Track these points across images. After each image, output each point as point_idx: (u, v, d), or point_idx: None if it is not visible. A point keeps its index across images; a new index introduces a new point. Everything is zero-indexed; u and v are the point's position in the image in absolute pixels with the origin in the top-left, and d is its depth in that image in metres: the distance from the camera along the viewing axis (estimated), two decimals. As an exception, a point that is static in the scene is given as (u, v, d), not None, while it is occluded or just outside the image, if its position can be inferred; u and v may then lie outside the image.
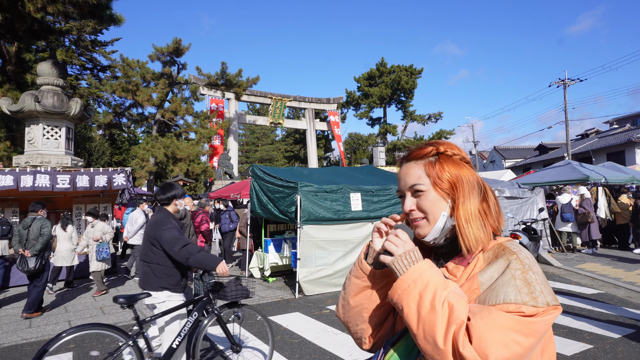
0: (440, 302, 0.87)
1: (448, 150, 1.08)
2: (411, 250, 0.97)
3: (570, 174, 12.35)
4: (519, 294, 0.88)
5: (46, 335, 5.60)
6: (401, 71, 35.99)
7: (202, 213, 8.65)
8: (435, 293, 0.89)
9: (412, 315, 0.90)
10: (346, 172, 9.86)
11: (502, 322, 0.84)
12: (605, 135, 28.99)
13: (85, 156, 25.51)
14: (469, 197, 1.04)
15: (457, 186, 1.04)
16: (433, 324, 0.86)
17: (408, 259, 0.96)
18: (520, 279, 0.91)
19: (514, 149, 40.02)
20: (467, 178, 1.05)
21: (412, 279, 0.92)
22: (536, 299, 0.87)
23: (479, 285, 0.96)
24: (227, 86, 22.11)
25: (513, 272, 0.93)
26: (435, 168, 1.05)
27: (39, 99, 10.36)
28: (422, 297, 0.89)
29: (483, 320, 0.85)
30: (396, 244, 0.99)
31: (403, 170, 1.10)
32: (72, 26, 23.36)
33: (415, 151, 1.10)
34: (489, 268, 0.98)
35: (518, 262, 0.95)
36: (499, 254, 0.99)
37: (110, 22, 12.42)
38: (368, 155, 35.43)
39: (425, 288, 0.90)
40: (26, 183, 8.60)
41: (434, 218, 1.04)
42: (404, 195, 1.10)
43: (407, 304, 0.91)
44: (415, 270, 0.94)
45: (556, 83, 24.80)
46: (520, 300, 0.87)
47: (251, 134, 56.50)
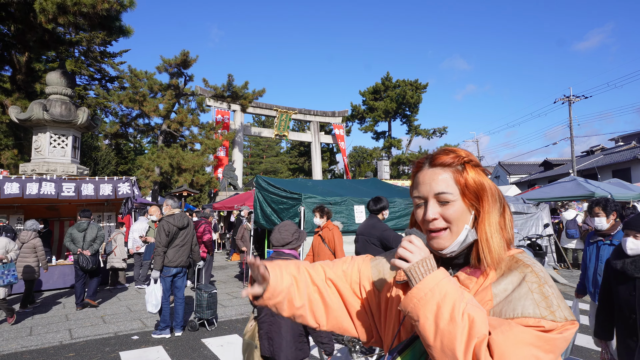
0: (460, 313, 0.83)
1: (473, 160, 1.04)
2: (427, 258, 0.92)
3: (576, 190, 12.27)
4: (537, 307, 0.86)
5: (46, 344, 5.57)
6: (406, 86, 36.17)
7: (204, 223, 8.63)
8: (455, 304, 0.85)
9: (429, 327, 0.85)
10: (350, 184, 9.85)
11: (523, 338, 0.82)
12: (611, 153, 28.87)
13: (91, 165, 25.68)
14: (493, 210, 1.01)
15: (483, 198, 1.01)
16: (453, 336, 0.82)
17: (425, 266, 0.91)
18: (538, 292, 0.89)
19: (519, 164, 39.88)
20: (491, 190, 1.02)
21: (429, 287, 0.88)
22: (554, 313, 0.85)
23: (493, 297, 0.94)
24: (233, 98, 22.27)
25: (530, 285, 0.90)
26: (464, 177, 1.01)
27: (47, 108, 10.48)
28: (440, 307, 0.85)
29: (504, 334, 0.82)
30: (411, 250, 0.93)
31: (427, 174, 1.04)
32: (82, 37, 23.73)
33: (441, 156, 1.03)
34: (503, 280, 0.95)
35: (534, 275, 0.92)
36: (511, 266, 0.97)
37: (119, 34, 12.59)
38: (372, 168, 35.43)
39: (444, 298, 0.86)
40: (32, 190, 8.65)
41: (457, 230, 1.00)
42: (426, 202, 1.03)
43: (423, 315, 0.86)
44: (432, 279, 0.89)
45: (561, 100, 24.81)
46: (539, 314, 0.85)
47: (256, 145, 56.72)
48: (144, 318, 6.86)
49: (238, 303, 7.94)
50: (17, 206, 9.86)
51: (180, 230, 5.91)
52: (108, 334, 5.98)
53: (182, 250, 5.88)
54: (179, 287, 6.00)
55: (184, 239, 5.93)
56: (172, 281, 5.92)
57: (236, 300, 8.22)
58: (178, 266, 5.85)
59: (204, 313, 6.08)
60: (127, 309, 7.51)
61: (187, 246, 5.96)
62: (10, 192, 8.50)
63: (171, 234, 5.78)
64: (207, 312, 6.09)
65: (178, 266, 5.85)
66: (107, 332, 6.06)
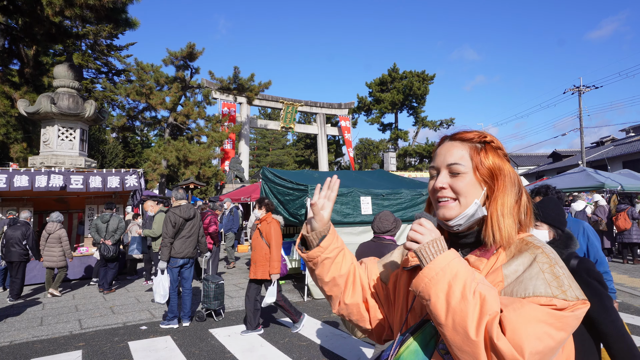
0: (471, 291, 0.85)
1: (495, 142, 1.06)
2: (438, 239, 0.95)
3: (585, 181, 12.16)
4: (549, 287, 0.87)
5: (57, 334, 5.65)
6: (413, 77, 35.89)
7: (211, 215, 8.67)
8: (466, 283, 0.86)
9: (441, 305, 0.87)
10: (356, 175, 9.83)
11: (535, 315, 0.82)
12: (622, 143, 28.49)
13: (98, 158, 25.85)
14: (509, 192, 1.02)
15: (499, 177, 1.02)
16: (465, 314, 0.83)
17: (435, 247, 0.93)
18: (549, 272, 0.89)
19: (527, 156, 39.55)
20: (510, 173, 1.04)
21: (440, 267, 0.89)
22: (565, 293, 0.86)
23: (504, 278, 0.94)
24: (239, 90, 22.24)
25: (541, 265, 0.91)
26: (481, 154, 1.03)
27: (55, 101, 10.54)
28: (451, 286, 0.86)
29: (516, 312, 0.83)
30: (421, 232, 0.96)
31: (445, 147, 1.07)
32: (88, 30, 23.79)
33: (461, 132, 1.07)
34: (514, 261, 0.96)
35: (544, 255, 0.93)
36: (522, 248, 0.98)
37: (125, 26, 12.59)
38: (379, 160, 35.32)
39: (455, 277, 0.87)
40: (40, 183, 8.73)
41: (466, 202, 1.02)
42: (438, 172, 1.07)
43: (435, 294, 0.88)
44: (443, 259, 0.91)
45: (571, 90, 24.47)
46: (551, 293, 0.86)
47: (262, 138, 56.77)
48: (152, 309, 6.93)
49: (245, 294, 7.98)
50: (26, 199, 9.97)
51: (186, 222, 5.94)
52: (117, 324, 6.05)
53: (188, 241, 5.92)
54: (186, 278, 6.05)
55: (191, 230, 5.96)
56: (180, 272, 5.96)
57: (243, 291, 8.27)
58: (185, 257, 5.89)
59: (212, 304, 6.12)
60: (135, 300, 7.58)
61: (193, 237, 5.99)
62: (19, 185, 8.59)
63: (177, 225, 5.81)
64: (215, 302, 6.14)
65: (185, 257, 5.89)
66: (116, 323, 6.13)
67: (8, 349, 5.08)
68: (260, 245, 5.38)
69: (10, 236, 7.55)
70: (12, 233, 7.56)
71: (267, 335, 5.50)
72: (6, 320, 6.27)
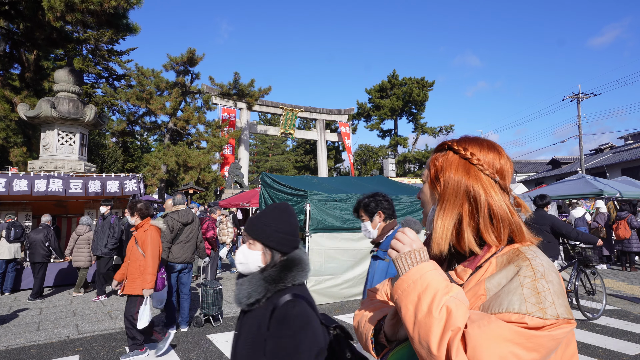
0: (439, 306, 0.83)
1: (461, 150, 1.03)
2: (417, 250, 0.93)
3: (584, 188, 12.16)
4: (525, 303, 0.82)
5: (54, 338, 5.62)
6: (413, 83, 36.03)
7: (209, 220, 8.65)
8: (435, 296, 0.84)
9: (409, 318, 0.86)
10: (356, 181, 9.84)
11: (500, 333, 0.78)
12: (620, 151, 28.56)
13: (98, 163, 25.85)
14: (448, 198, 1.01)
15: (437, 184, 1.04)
16: (428, 328, 0.82)
17: (412, 258, 0.92)
18: (529, 287, 0.84)
19: (526, 162, 39.60)
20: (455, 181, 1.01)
21: (412, 279, 0.89)
22: (544, 310, 0.80)
23: (486, 292, 0.91)
24: (239, 96, 22.31)
25: (522, 279, 0.86)
26: (437, 161, 1.05)
27: (55, 105, 10.55)
28: (420, 299, 0.85)
29: (480, 329, 0.79)
30: (403, 241, 0.95)
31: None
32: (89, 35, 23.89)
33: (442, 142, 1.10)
34: (499, 274, 0.92)
35: (529, 269, 0.88)
36: (512, 259, 0.93)
37: (126, 31, 12.65)
38: (378, 166, 35.33)
39: (425, 290, 0.86)
40: (40, 187, 8.72)
41: (426, 211, 1.07)
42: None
43: (405, 305, 0.88)
44: (417, 270, 0.90)
45: (570, 97, 24.57)
46: (525, 310, 0.81)
47: (262, 143, 56.79)
48: (150, 314, 6.90)
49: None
50: (25, 203, 9.95)
51: (184, 226, 5.93)
52: (114, 329, 6.02)
53: (187, 246, 5.91)
54: (185, 283, 6.03)
55: (189, 235, 5.95)
56: (178, 277, 5.95)
57: (242, 296, 8.23)
58: (183, 262, 5.88)
59: (210, 309, 6.10)
60: (133, 305, 7.55)
61: (192, 242, 5.98)
62: (19, 189, 8.58)
63: (175, 230, 5.81)
64: (213, 308, 6.12)
65: (183, 262, 5.88)
66: (113, 328, 6.11)
67: (5, 354, 5.05)
68: (135, 255, 4.80)
69: (33, 239, 8.16)
70: (35, 236, 8.19)
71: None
72: (3, 325, 6.24)
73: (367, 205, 2.81)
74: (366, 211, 2.82)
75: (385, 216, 2.78)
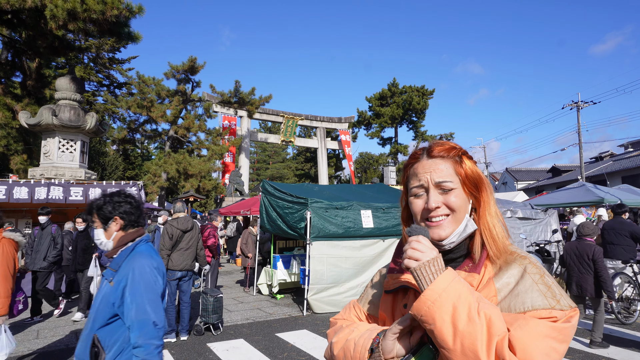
0: (477, 313, 0.82)
1: (468, 153, 1.07)
2: (437, 257, 0.90)
3: (585, 196, 12.13)
4: (545, 298, 0.87)
5: (53, 347, 5.57)
6: (413, 91, 36.18)
7: (210, 227, 8.63)
8: (470, 304, 0.83)
9: (447, 329, 0.82)
10: (356, 189, 9.82)
11: (540, 330, 0.82)
12: (620, 159, 28.57)
13: (98, 170, 25.87)
14: (491, 200, 1.02)
15: (481, 187, 1.03)
16: (473, 337, 0.79)
17: (435, 266, 0.88)
18: (541, 283, 0.89)
19: (527, 170, 39.61)
20: (487, 181, 1.04)
21: (442, 288, 0.85)
22: (560, 302, 0.86)
23: (497, 292, 0.93)
24: (240, 104, 22.39)
25: (533, 276, 0.91)
26: (463, 168, 1.02)
27: (56, 113, 10.57)
28: (456, 308, 0.82)
29: (522, 330, 0.82)
30: (421, 249, 0.90)
31: (428, 164, 1.04)
32: (91, 44, 24.03)
33: (438, 148, 1.05)
34: (503, 274, 0.94)
35: (533, 266, 0.93)
36: (507, 259, 0.97)
37: (128, 40, 12.71)
38: (379, 174, 35.35)
39: (459, 299, 0.83)
40: (40, 195, 8.71)
41: (459, 218, 1.00)
42: (427, 190, 1.03)
43: (440, 317, 0.83)
44: (444, 279, 0.86)
45: (569, 105, 24.63)
46: (549, 304, 0.86)
47: (262, 151, 56.89)
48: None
49: (244, 308, 7.92)
50: (25, 210, 9.93)
51: (184, 234, 5.91)
52: (114, 338, 5.96)
53: (186, 253, 5.88)
54: (185, 291, 5.99)
55: (189, 242, 5.92)
56: (178, 285, 5.91)
57: (242, 305, 8.19)
58: (183, 270, 5.84)
59: (210, 317, 6.06)
60: (133, 313, 7.49)
61: (192, 250, 5.96)
62: (19, 197, 8.56)
63: (175, 237, 5.78)
64: (213, 316, 6.07)
65: (183, 270, 5.84)
66: (112, 336, 6.05)
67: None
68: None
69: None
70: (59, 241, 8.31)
71: (266, 349, 5.43)
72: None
73: (100, 207, 2.08)
74: (99, 215, 2.09)
75: (125, 223, 2.09)
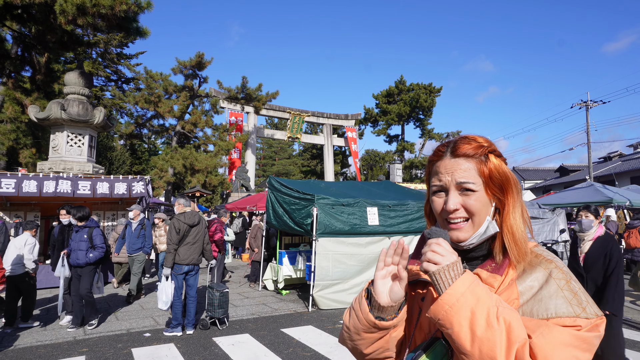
0: (495, 318, 0.80)
1: (496, 150, 1.00)
2: (457, 262, 0.87)
3: (593, 196, 12.04)
4: (570, 305, 0.84)
5: (60, 339, 5.62)
6: (420, 89, 36.03)
7: (217, 222, 8.66)
8: (489, 309, 0.81)
9: (465, 334, 0.81)
10: (363, 186, 9.81)
11: (563, 339, 0.80)
12: (630, 159, 28.28)
13: (106, 165, 26.03)
14: (517, 203, 0.97)
15: (507, 189, 0.97)
16: (492, 343, 0.78)
17: (455, 270, 0.86)
18: (567, 289, 0.86)
19: (534, 170, 39.34)
20: (515, 181, 0.98)
21: (460, 292, 0.83)
22: (585, 310, 0.83)
23: (519, 295, 0.89)
24: (247, 100, 22.40)
25: (558, 282, 0.87)
26: (487, 168, 0.96)
27: (65, 107, 10.65)
28: (474, 313, 0.81)
29: (545, 337, 0.80)
30: (441, 253, 0.87)
31: (450, 164, 0.99)
32: (99, 39, 24.12)
33: (464, 146, 0.98)
34: (527, 276, 0.91)
35: (559, 271, 0.89)
36: (532, 261, 0.93)
37: (136, 35, 12.74)
38: (385, 172, 35.29)
39: (477, 304, 0.82)
40: (48, 188, 8.78)
41: (479, 221, 0.96)
42: (447, 192, 0.99)
43: (457, 322, 0.82)
44: (462, 283, 0.84)
45: (578, 105, 24.40)
46: (574, 312, 0.83)
47: (269, 147, 56.97)
48: (155, 316, 6.90)
49: (249, 303, 7.95)
50: (34, 203, 10.02)
51: (191, 228, 5.94)
52: (120, 331, 6.02)
53: (193, 248, 5.91)
54: (191, 285, 6.03)
55: (195, 236, 5.95)
56: (185, 279, 5.95)
57: (247, 300, 8.22)
58: (190, 264, 5.88)
59: (216, 312, 6.09)
60: (139, 307, 7.56)
61: (198, 244, 5.98)
62: (28, 191, 8.64)
63: (182, 232, 5.81)
64: (219, 311, 6.10)
65: (190, 264, 5.88)
66: (119, 329, 6.11)
67: (12, 353, 5.07)
68: None
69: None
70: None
71: (272, 345, 5.45)
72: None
73: None
74: None
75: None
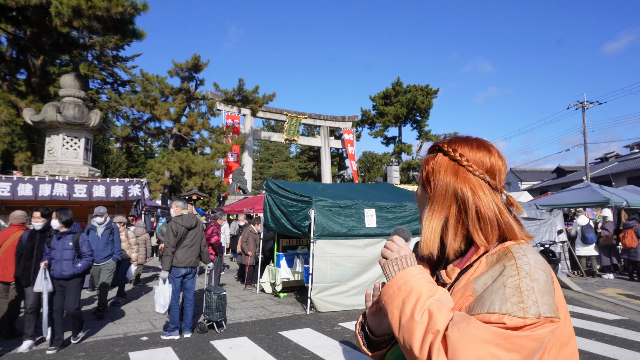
0: (421, 310, 0.85)
1: (450, 151, 1.03)
2: (405, 257, 0.97)
3: (590, 197, 12.05)
4: (505, 303, 0.80)
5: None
6: (417, 91, 36.12)
7: (213, 225, 8.63)
8: (418, 301, 0.87)
9: (395, 322, 0.90)
10: (360, 188, 9.79)
11: (479, 334, 0.78)
12: (626, 160, 28.40)
13: (102, 168, 25.93)
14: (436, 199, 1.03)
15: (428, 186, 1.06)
16: (411, 332, 0.85)
17: (399, 264, 0.96)
18: (512, 286, 0.82)
19: (531, 171, 39.43)
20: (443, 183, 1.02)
21: (397, 285, 0.92)
22: (525, 310, 0.79)
23: (473, 292, 0.89)
24: (244, 102, 22.40)
25: (504, 279, 0.85)
26: (428, 163, 1.07)
27: (61, 110, 10.59)
28: (404, 304, 0.88)
29: (460, 331, 0.79)
30: (391, 248, 1.00)
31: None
32: (95, 41, 24.07)
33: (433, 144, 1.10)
34: (486, 274, 0.91)
35: (514, 268, 0.86)
36: (500, 258, 0.92)
37: (132, 37, 12.71)
38: (382, 174, 35.32)
39: (409, 295, 0.89)
40: (44, 192, 8.72)
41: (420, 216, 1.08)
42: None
43: (390, 310, 0.91)
44: (401, 276, 0.93)
45: (575, 105, 24.52)
46: (505, 310, 0.79)
47: (265, 150, 56.92)
48: (153, 319, 6.85)
49: (247, 306, 7.90)
50: (29, 207, 9.94)
51: (188, 231, 5.90)
52: (117, 335, 5.97)
53: (190, 250, 5.87)
54: (189, 288, 5.98)
55: (193, 239, 5.91)
56: (182, 282, 5.90)
57: (245, 303, 8.18)
58: (187, 267, 5.83)
59: (213, 315, 6.04)
60: (136, 310, 7.50)
61: (196, 246, 5.95)
62: (23, 194, 8.58)
63: (179, 234, 5.77)
64: (217, 314, 6.06)
65: (187, 267, 5.83)
66: (116, 333, 6.05)
67: (7, 358, 5.01)
68: None
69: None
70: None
71: (270, 347, 5.41)
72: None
73: None
74: None
75: None
